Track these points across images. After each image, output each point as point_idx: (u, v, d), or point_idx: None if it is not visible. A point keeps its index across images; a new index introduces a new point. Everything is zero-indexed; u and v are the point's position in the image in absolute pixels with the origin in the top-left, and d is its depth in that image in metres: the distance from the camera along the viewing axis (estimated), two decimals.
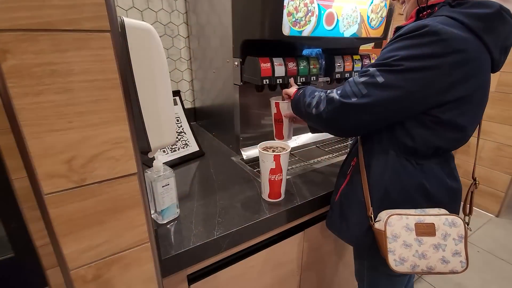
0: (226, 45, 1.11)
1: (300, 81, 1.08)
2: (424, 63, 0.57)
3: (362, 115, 0.65)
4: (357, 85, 0.65)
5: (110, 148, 0.42)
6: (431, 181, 0.68)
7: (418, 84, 0.58)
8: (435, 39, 0.55)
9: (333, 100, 0.68)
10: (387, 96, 0.61)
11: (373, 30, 1.13)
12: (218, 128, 1.38)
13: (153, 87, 0.53)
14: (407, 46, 0.58)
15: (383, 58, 0.62)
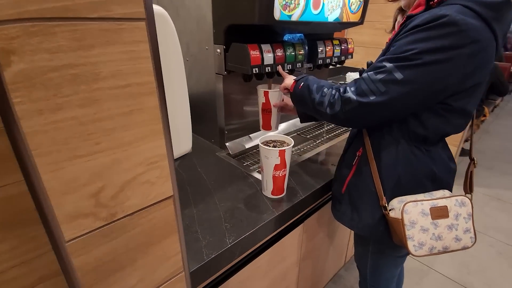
0: (205, 30, 1.00)
1: (287, 69, 1.03)
2: (444, 55, 0.57)
3: (382, 112, 0.65)
4: (374, 82, 0.63)
5: (145, 170, 0.33)
6: (438, 165, 0.71)
7: (438, 77, 0.59)
8: (454, 30, 0.55)
9: (350, 101, 0.66)
10: (407, 92, 0.60)
11: (353, 14, 1.13)
12: (196, 122, 1.26)
13: (170, 87, 0.43)
14: (426, 38, 0.57)
15: (399, 51, 0.61)
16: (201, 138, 1.24)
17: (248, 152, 1.19)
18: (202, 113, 1.19)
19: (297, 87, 0.83)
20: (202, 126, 1.23)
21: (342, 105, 0.69)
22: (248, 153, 1.18)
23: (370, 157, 0.75)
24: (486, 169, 2.70)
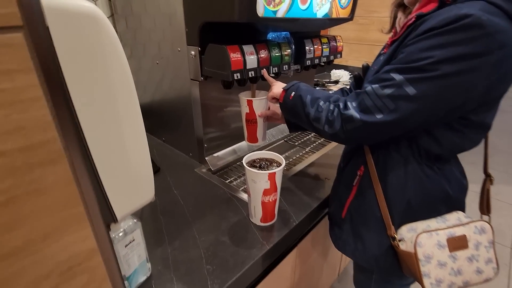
0: (176, 28, 0.85)
1: (272, 72, 0.90)
2: (467, 65, 0.46)
3: (391, 131, 0.55)
4: (381, 98, 0.52)
5: (59, 282, 0.19)
6: (452, 184, 0.62)
7: (459, 91, 0.48)
8: (479, 33, 0.44)
9: (352, 119, 0.55)
10: (421, 109, 0.50)
11: (342, 10, 1.02)
12: (170, 132, 1.12)
13: (110, 117, 0.30)
14: (445, 44, 0.46)
15: (411, 60, 0.50)
16: (177, 151, 1.10)
17: (231, 165, 1.06)
18: (177, 122, 1.04)
19: (288, 98, 0.71)
20: (178, 137, 1.08)
21: (343, 123, 0.58)
22: (231, 167, 1.05)
23: (374, 177, 0.64)
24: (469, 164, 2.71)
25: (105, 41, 0.27)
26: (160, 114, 1.13)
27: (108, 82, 0.29)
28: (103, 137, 0.30)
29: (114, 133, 0.31)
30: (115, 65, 0.30)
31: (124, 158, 0.32)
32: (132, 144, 0.33)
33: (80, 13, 0.23)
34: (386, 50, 0.66)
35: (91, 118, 0.28)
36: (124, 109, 0.32)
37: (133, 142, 0.33)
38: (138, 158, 0.33)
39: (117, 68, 0.30)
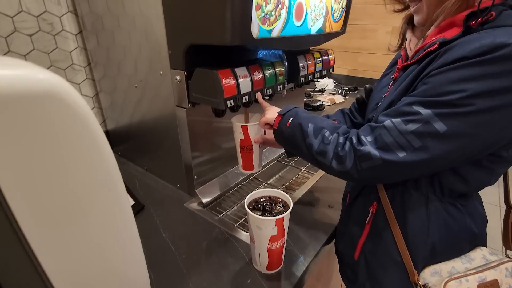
0: (157, 50, 0.75)
1: (267, 94, 0.82)
2: (504, 100, 0.41)
3: (413, 172, 0.49)
4: (404, 134, 0.46)
5: None
6: (477, 221, 0.57)
7: (494, 127, 0.43)
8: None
9: (370, 157, 0.48)
10: (453, 149, 0.44)
11: (335, 23, 0.96)
12: (154, 160, 1.00)
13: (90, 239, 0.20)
14: (480, 77, 0.41)
15: (439, 92, 0.43)
16: (162, 181, 0.98)
17: (225, 195, 0.96)
18: (161, 148, 0.94)
19: (284, 124, 0.63)
20: (163, 165, 0.97)
21: (358, 161, 0.50)
22: (225, 196, 0.96)
23: (390, 217, 0.58)
24: None
25: (72, 129, 0.17)
26: (140, 139, 1.02)
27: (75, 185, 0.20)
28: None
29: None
30: (90, 155, 0.20)
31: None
32: (120, 259, 0.23)
33: (39, 93, 0.14)
34: (396, 75, 0.60)
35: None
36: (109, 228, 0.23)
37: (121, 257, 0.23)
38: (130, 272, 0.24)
39: (92, 159, 0.21)
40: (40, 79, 0.15)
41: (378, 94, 0.66)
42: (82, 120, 0.19)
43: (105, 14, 0.86)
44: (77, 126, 0.19)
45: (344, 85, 2.22)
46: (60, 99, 0.16)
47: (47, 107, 0.16)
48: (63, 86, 0.17)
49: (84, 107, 0.19)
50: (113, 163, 0.25)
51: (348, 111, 0.82)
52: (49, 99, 0.16)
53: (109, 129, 1.14)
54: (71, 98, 0.17)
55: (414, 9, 0.55)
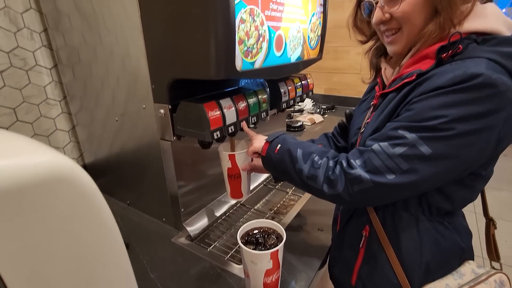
0: (139, 83, 0.74)
1: (252, 122, 0.83)
2: (481, 123, 0.44)
3: (403, 193, 0.51)
4: (392, 158, 0.48)
5: None
6: (463, 236, 0.60)
7: (475, 148, 0.46)
8: (492, 92, 0.43)
9: (361, 180, 0.50)
10: (438, 170, 0.47)
11: (312, 50, 1.00)
12: (137, 193, 0.97)
13: None
14: (457, 103, 0.44)
15: (422, 118, 0.46)
16: (146, 216, 0.94)
17: (213, 225, 0.94)
18: (145, 181, 0.90)
19: (272, 151, 0.63)
20: (147, 198, 0.94)
21: (349, 184, 0.52)
22: (213, 227, 0.93)
23: (383, 239, 0.59)
24: None
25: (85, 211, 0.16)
26: (122, 172, 0.98)
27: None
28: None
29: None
30: (98, 238, 0.19)
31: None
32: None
33: (52, 176, 0.13)
34: (376, 102, 0.63)
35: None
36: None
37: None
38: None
39: (100, 241, 0.19)
40: (44, 165, 0.14)
41: (359, 119, 0.68)
42: (89, 201, 0.18)
43: (82, 47, 0.84)
44: (85, 207, 0.17)
45: (322, 104, 2.29)
46: (66, 182, 0.15)
47: (53, 192, 0.15)
48: (69, 167, 0.16)
49: (91, 186, 0.18)
50: (119, 241, 0.23)
51: (332, 135, 0.84)
52: (55, 184, 0.15)
53: (87, 163, 1.09)
54: (78, 179, 0.16)
55: (392, 39, 0.57)
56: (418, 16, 0.52)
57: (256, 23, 0.67)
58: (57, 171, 0.15)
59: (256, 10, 0.66)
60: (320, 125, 1.86)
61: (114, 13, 0.71)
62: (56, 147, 1.00)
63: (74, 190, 0.16)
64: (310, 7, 0.91)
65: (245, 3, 0.62)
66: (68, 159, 0.17)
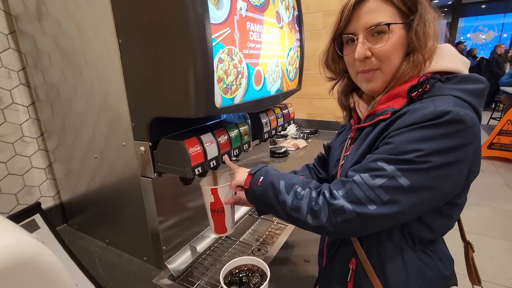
0: (119, 122, 0.74)
1: (234, 154, 0.83)
2: (454, 156, 0.47)
3: (384, 223, 0.52)
4: (373, 189, 0.49)
5: None
6: (446, 264, 0.60)
7: (449, 180, 0.49)
8: (461, 127, 0.46)
9: (343, 210, 0.51)
10: (417, 201, 0.49)
11: (291, 82, 1.04)
12: (116, 232, 0.93)
13: None
14: (430, 138, 0.47)
15: (400, 151, 0.49)
16: (126, 255, 0.90)
17: (197, 261, 0.90)
18: (124, 219, 0.87)
19: (255, 183, 0.64)
20: (127, 237, 0.90)
21: (332, 215, 0.52)
22: (197, 263, 0.90)
23: (369, 271, 0.58)
24: None
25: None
26: (100, 210, 0.94)
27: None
28: None
29: None
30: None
31: None
32: None
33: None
34: (353, 135, 0.65)
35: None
36: None
37: None
38: None
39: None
40: (4, 250, 0.13)
41: (337, 151, 0.70)
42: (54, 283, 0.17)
43: (62, 84, 0.84)
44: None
45: (305, 128, 2.34)
46: (28, 267, 0.15)
47: (15, 277, 0.14)
48: (30, 252, 0.16)
49: (56, 268, 0.17)
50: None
51: (313, 166, 0.85)
52: (16, 270, 0.14)
53: (63, 200, 1.04)
54: (41, 263, 0.16)
55: (368, 76, 0.59)
56: (396, 55, 0.56)
57: (235, 62, 0.70)
58: (19, 256, 0.15)
59: (234, 49, 0.69)
60: (304, 150, 1.88)
61: (96, 51, 0.72)
62: (31, 186, 0.96)
63: (36, 274, 0.15)
64: (287, 43, 0.95)
65: (223, 44, 0.64)
66: (32, 240, 0.16)
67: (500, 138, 3.69)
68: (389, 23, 0.53)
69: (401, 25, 0.54)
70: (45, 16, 0.78)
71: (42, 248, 0.16)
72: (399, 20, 0.54)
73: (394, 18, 0.54)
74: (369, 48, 0.56)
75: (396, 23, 0.53)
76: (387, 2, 0.53)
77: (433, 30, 0.53)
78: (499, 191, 3.04)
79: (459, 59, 0.55)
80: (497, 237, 2.32)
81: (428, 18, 0.53)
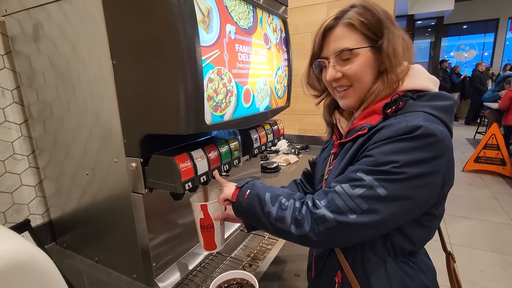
0: (111, 139, 0.75)
1: (224, 170, 0.85)
2: (428, 167, 0.50)
3: (365, 232, 0.53)
4: (353, 198, 0.52)
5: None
6: (428, 275, 0.62)
7: (424, 190, 0.52)
8: (432, 141, 0.50)
9: (325, 219, 0.53)
10: (395, 210, 0.51)
11: (280, 99, 1.08)
12: (105, 250, 0.92)
13: None
14: (405, 150, 0.50)
15: (377, 163, 0.52)
16: (116, 273, 0.89)
17: (187, 278, 0.90)
18: (114, 236, 0.87)
19: (242, 196, 0.65)
20: (116, 255, 0.89)
21: (314, 223, 0.54)
22: (187, 280, 0.89)
23: (354, 284, 0.60)
24: None
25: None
26: (90, 227, 0.94)
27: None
28: None
29: None
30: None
31: None
32: None
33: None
34: (336, 150, 0.68)
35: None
36: None
37: None
38: None
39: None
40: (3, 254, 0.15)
41: (322, 166, 0.73)
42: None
43: (55, 102, 0.86)
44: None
45: (296, 144, 2.38)
46: (25, 270, 0.16)
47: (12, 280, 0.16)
48: (27, 255, 0.17)
49: (52, 271, 0.19)
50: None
51: (300, 182, 0.88)
52: (13, 273, 0.16)
53: (53, 218, 1.04)
54: (37, 267, 0.18)
55: (343, 94, 0.64)
56: (366, 75, 0.60)
57: (224, 81, 0.73)
58: (16, 259, 0.16)
59: (224, 70, 0.72)
60: (296, 165, 1.91)
61: (89, 71, 0.75)
62: (20, 204, 0.96)
63: (33, 276, 0.17)
64: (275, 63, 1.00)
65: (212, 65, 0.68)
66: (29, 245, 0.18)
67: (485, 151, 3.80)
68: (352, 48, 0.58)
69: (368, 48, 0.59)
70: (41, 37, 0.81)
71: (38, 251, 0.18)
72: (364, 44, 0.59)
73: (359, 43, 0.59)
74: (340, 70, 0.61)
75: (360, 48, 0.58)
76: (352, 29, 0.59)
77: (404, 51, 0.58)
78: (487, 204, 3.10)
79: (429, 78, 0.59)
80: (487, 249, 2.35)
81: (396, 42, 0.57)
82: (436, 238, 0.69)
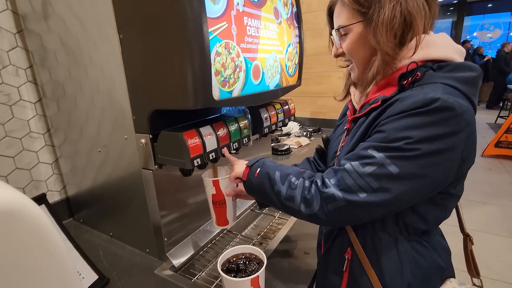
0: (121, 116, 0.76)
1: (233, 148, 0.85)
2: (443, 144, 0.47)
3: (376, 212, 0.52)
4: (363, 177, 0.50)
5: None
6: (442, 255, 0.60)
7: (440, 168, 0.49)
8: (451, 115, 0.46)
9: (334, 198, 0.51)
10: (407, 189, 0.49)
11: (291, 77, 1.05)
12: (120, 225, 0.95)
13: None
14: (419, 125, 0.47)
15: (389, 139, 0.49)
16: (129, 248, 0.92)
17: (198, 253, 0.92)
18: (128, 212, 0.89)
19: (252, 175, 0.65)
20: (130, 230, 0.92)
21: (324, 203, 0.53)
22: (198, 256, 0.91)
23: (364, 262, 0.59)
24: None
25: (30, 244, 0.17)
26: (105, 204, 0.97)
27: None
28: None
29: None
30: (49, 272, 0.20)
31: None
32: None
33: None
34: (349, 126, 0.66)
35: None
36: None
37: None
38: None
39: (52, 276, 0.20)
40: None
41: (335, 143, 0.71)
42: (40, 235, 0.19)
43: (67, 81, 0.86)
44: (35, 240, 0.18)
45: (308, 127, 2.34)
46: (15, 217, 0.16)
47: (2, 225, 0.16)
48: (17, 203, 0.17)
49: (42, 219, 0.19)
50: (72, 274, 0.24)
51: (313, 159, 0.86)
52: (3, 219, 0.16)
53: (69, 195, 1.07)
54: (28, 214, 0.18)
55: (349, 68, 0.65)
56: (360, 51, 0.58)
57: (232, 55, 0.71)
58: (7, 206, 0.16)
59: (232, 43, 0.70)
60: (307, 148, 1.89)
61: (98, 47, 0.74)
62: (38, 180, 0.99)
63: (23, 224, 0.17)
64: (286, 39, 0.96)
65: (220, 37, 0.66)
66: (19, 194, 0.18)
67: (507, 136, 3.64)
68: (344, 26, 0.57)
69: (359, 23, 0.56)
70: (50, 15, 0.81)
71: (27, 200, 0.18)
72: (354, 20, 0.56)
73: (349, 20, 0.57)
74: (339, 47, 0.62)
75: (350, 24, 0.56)
76: (344, 5, 0.57)
77: (405, 20, 0.51)
78: (506, 190, 3.00)
79: (453, 47, 0.55)
80: (504, 235, 2.29)
81: (384, 12, 0.50)
82: (452, 222, 0.66)
